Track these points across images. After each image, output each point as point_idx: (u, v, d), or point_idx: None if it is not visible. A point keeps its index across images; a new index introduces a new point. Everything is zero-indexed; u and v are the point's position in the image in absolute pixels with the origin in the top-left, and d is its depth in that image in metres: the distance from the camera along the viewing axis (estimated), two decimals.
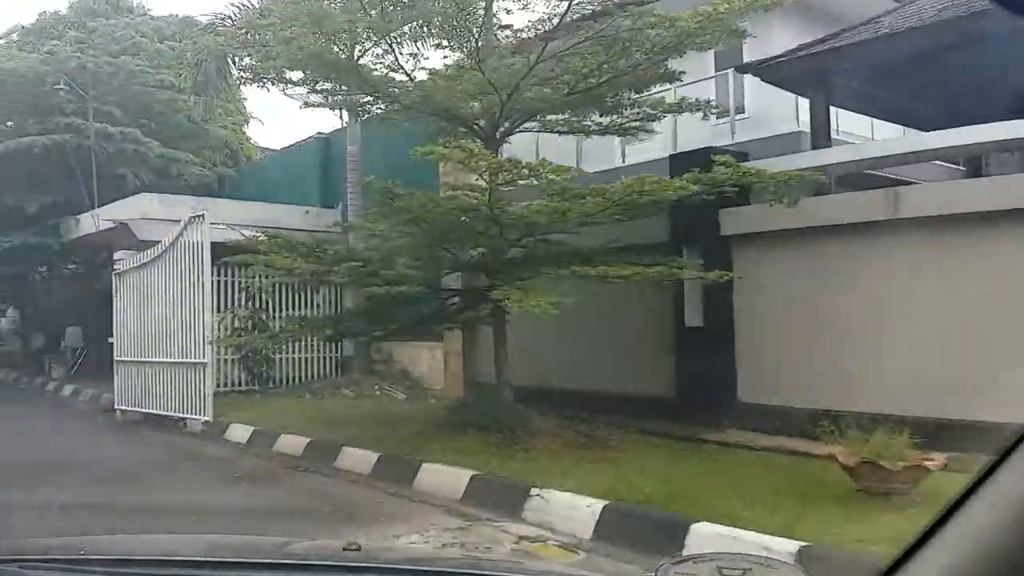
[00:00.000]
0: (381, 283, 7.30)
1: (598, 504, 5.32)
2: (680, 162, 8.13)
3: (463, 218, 7.08)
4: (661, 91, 8.92)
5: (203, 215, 10.23)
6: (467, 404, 8.75)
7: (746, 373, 8.17)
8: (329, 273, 7.59)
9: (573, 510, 5.35)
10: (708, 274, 6.98)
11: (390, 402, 11.64)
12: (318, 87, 8.66)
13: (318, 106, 22.16)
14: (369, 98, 8.61)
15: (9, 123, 16.91)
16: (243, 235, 8.55)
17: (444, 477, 6.62)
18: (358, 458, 7.76)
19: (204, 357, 10.31)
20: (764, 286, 7.89)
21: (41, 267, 19.62)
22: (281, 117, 45.13)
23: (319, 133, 16.44)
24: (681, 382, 8.48)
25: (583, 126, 8.37)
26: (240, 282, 12.50)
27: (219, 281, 12.05)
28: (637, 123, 8.28)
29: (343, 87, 8.58)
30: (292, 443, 8.83)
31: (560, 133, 8.55)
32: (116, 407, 12.22)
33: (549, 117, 8.18)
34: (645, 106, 8.50)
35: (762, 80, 9.98)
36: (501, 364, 7.86)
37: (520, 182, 6.83)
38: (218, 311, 11.78)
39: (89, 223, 15.04)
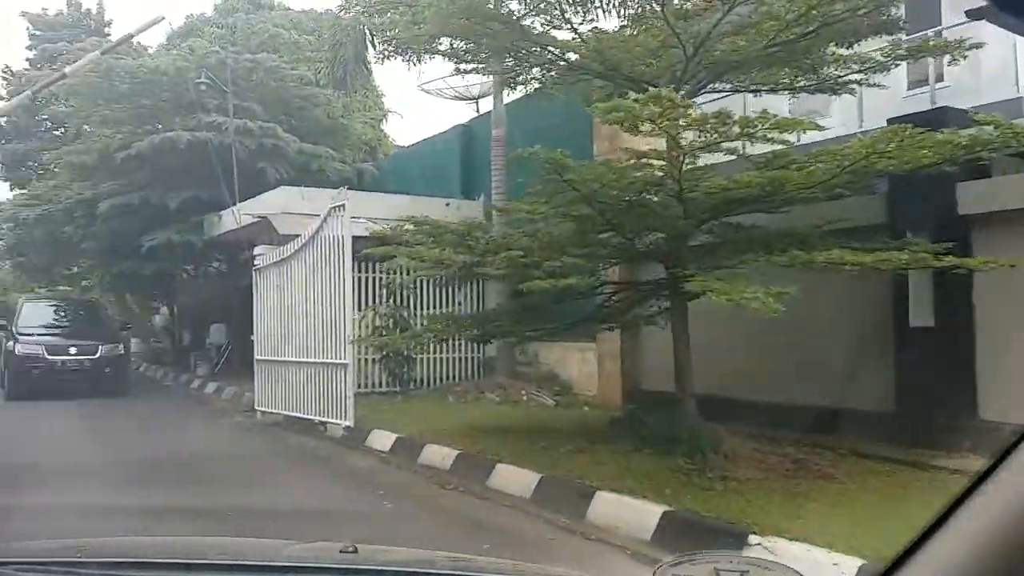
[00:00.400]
0: (543, 276, 6.20)
1: (850, 562, 4.01)
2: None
3: (644, 195, 5.88)
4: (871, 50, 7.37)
5: (343, 205, 9.49)
6: (637, 417, 7.54)
7: (990, 385, 6.57)
8: (482, 264, 6.57)
9: (817, 569, 4.05)
10: (971, 262, 5.45)
11: (540, 409, 10.58)
12: (467, 55, 7.62)
13: (458, 98, 21.52)
14: (525, 64, 7.49)
15: (159, 124, 16.96)
16: (384, 228, 7.69)
17: (625, 510, 5.46)
18: (515, 478, 6.72)
19: (345, 358, 9.58)
20: (1017, 278, 6.28)
21: (187, 265, 19.80)
22: (420, 111, 44.81)
23: (459, 124, 15.62)
24: (903, 394, 6.96)
25: (790, 84, 6.94)
26: (381, 278, 11.78)
27: (359, 277, 11.35)
28: (858, 75, 6.78)
29: (494, 53, 7.52)
30: (439, 455, 7.91)
31: (755, 93, 7.18)
32: (256, 408, 11.77)
33: (741, 77, 6.85)
34: (852, 63, 7.00)
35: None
36: (684, 371, 6.60)
37: (724, 144, 5.56)
38: (358, 308, 11.09)
39: (230, 219, 14.79)
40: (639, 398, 9.33)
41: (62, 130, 24.76)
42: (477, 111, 20.78)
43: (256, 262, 11.79)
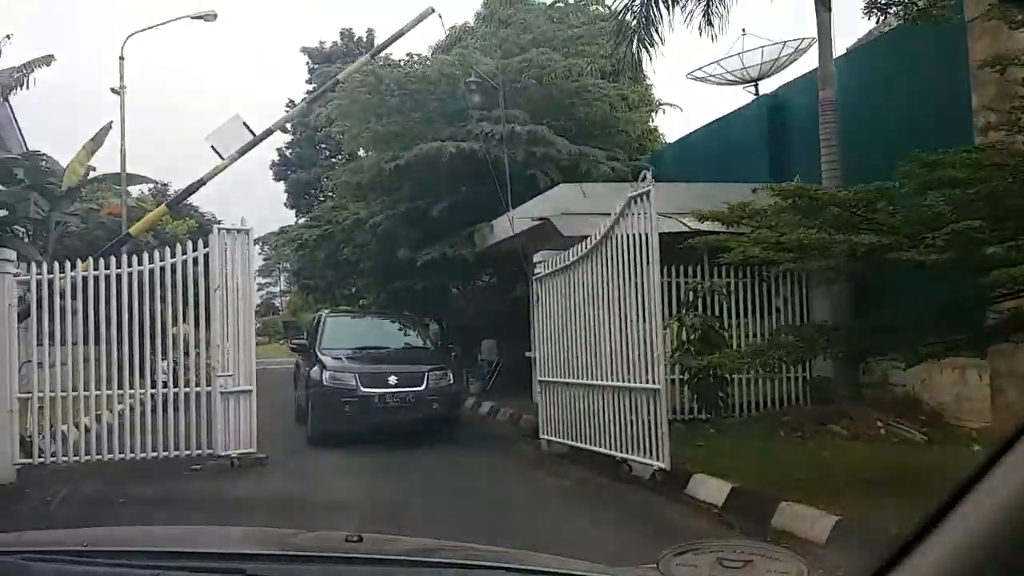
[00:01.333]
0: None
1: None
2: None
3: None
4: None
5: (647, 192, 7.68)
6: None
7: None
8: (895, 248, 4.42)
9: None
10: None
11: (911, 448, 8.05)
12: None
13: (734, 82, 19.06)
14: None
15: (427, 136, 16.39)
16: (716, 210, 5.77)
17: None
18: None
19: (655, 381, 7.74)
20: None
21: (458, 279, 19.18)
22: (692, 105, 41.17)
23: (764, 95, 13.33)
24: None
25: None
26: (684, 282, 9.84)
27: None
28: None
29: None
30: (806, 521, 5.77)
31: None
32: (541, 436, 10.31)
33: None
34: None
35: None
36: None
37: None
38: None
39: (504, 227, 13.66)
40: None
41: (338, 157, 25.73)
42: (756, 93, 18.36)
43: (536, 269, 10.36)
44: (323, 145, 31.34)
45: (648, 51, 12.67)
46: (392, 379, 11.10)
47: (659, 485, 7.75)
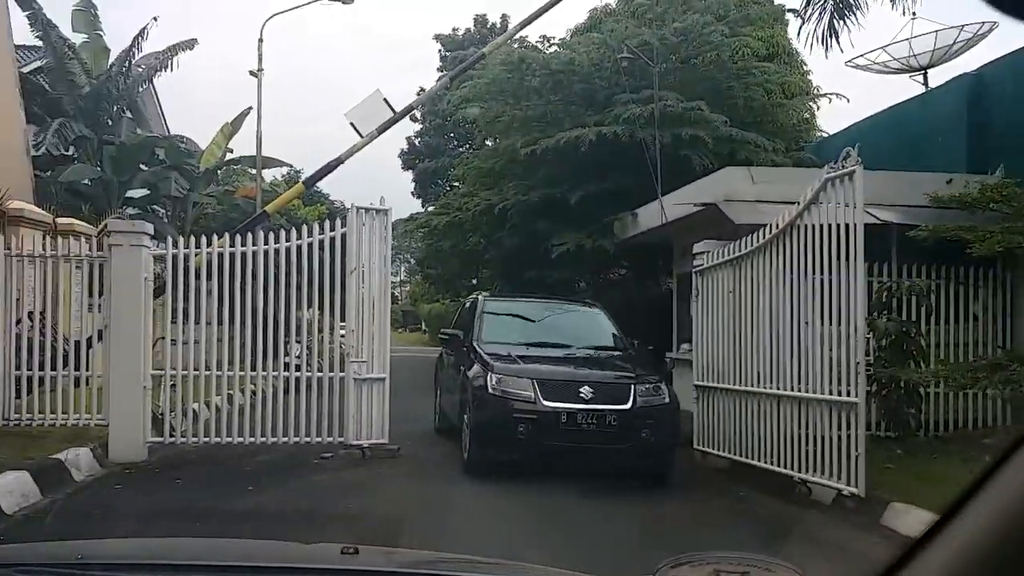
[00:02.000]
0: None
1: None
2: None
3: None
4: None
5: (851, 173, 6.54)
6: None
7: None
8: None
9: None
10: None
11: None
12: None
13: (899, 71, 17.33)
14: None
15: (568, 122, 15.49)
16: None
17: None
18: None
19: (852, 394, 6.61)
20: None
21: (592, 272, 18.24)
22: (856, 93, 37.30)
23: (964, 74, 11.79)
24: None
25: None
26: (878, 281, 8.56)
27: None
28: None
29: None
30: None
31: None
32: (695, 447, 9.28)
33: None
34: None
35: None
36: None
37: None
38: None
39: (650, 216, 12.68)
40: None
41: (466, 146, 25.23)
42: (925, 84, 16.62)
43: (696, 262, 9.31)
44: (451, 135, 31.05)
45: (845, 22, 11.37)
46: (585, 391, 7.84)
47: (848, 512, 6.63)
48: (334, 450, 8.45)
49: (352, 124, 10.12)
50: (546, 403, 7.72)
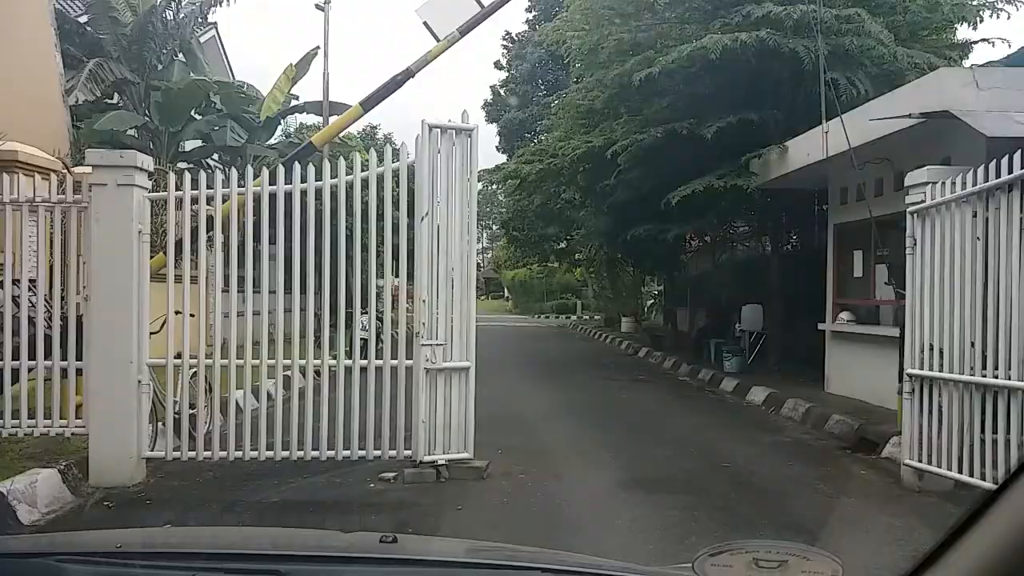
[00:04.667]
0: None
1: None
2: None
3: None
4: None
5: None
6: None
7: None
8: None
9: None
10: None
11: None
12: None
13: None
14: None
15: (682, 39, 12.57)
16: None
17: None
18: None
19: None
20: None
21: (721, 223, 15.26)
22: None
23: None
24: None
25: None
26: None
27: None
28: None
29: None
30: None
31: None
32: (904, 461, 6.52)
33: None
34: None
35: None
36: None
37: None
38: None
39: (808, 148, 9.77)
40: None
41: (558, 93, 22.37)
42: None
43: (913, 199, 6.43)
44: (540, 81, 28.22)
45: None
46: None
47: None
48: (397, 468, 6.03)
49: (425, 24, 7.62)
50: None
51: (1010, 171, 5.39)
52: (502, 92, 29.56)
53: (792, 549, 1.29)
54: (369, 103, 7.74)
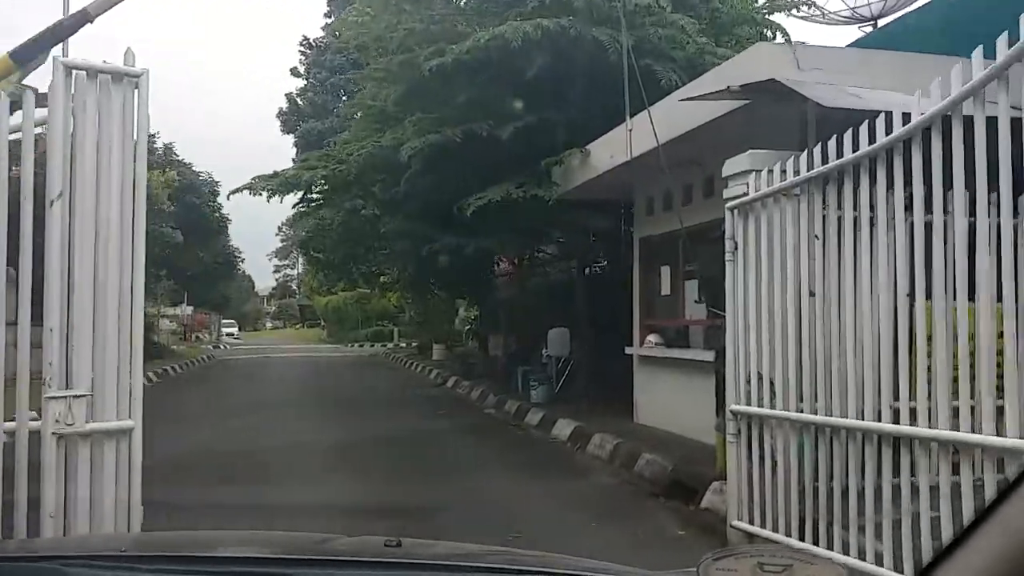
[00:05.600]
0: None
1: None
2: None
3: None
4: None
5: None
6: None
7: None
8: None
9: None
10: None
11: None
12: None
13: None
14: None
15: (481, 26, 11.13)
16: None
17: None
18: None
19: None
20: None
21: (519, 242, 13.89)
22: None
23: None
24: None
25: None
26: None
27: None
28: None
29: None
30: None
31: None
32: (733, 523, 5.20)
33: None
34: None
35: None
36: None
37: None
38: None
39: (612, 150, 8.56)
40: None
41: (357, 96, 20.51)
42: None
43: (731, 191, 5.15)
44: (343, 91, 26.18)
45: None
46: None
47: None
48: None
49: None
50: None
51: (855, 149, 4.17)
52: (299, 101, 27.25)
53: (796, 554, 1.29)
54: (24, 53, 5.55)
